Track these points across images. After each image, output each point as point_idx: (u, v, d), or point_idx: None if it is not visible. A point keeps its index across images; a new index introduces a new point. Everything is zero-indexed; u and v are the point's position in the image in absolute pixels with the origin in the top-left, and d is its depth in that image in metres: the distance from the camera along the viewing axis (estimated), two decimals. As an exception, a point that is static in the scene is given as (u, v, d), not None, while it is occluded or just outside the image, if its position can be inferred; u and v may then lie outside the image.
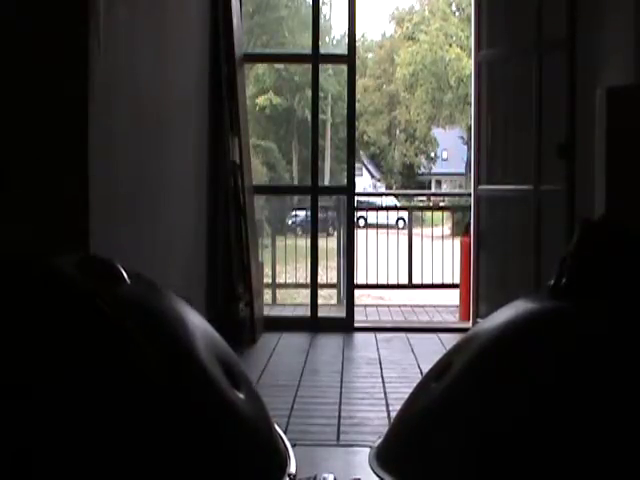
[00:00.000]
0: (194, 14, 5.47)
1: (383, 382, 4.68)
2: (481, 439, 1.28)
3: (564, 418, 1.24)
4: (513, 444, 1.25)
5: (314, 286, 6.55)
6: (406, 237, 9.25)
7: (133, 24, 3.71)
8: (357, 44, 6.91)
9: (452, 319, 7.27)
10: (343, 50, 6.68)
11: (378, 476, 1.38)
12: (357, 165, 29.71)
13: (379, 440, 1.49)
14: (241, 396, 1.38)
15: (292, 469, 1.39)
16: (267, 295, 8.04)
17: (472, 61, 6.54)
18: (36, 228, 2.98)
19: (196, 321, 1.51)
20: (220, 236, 5.96)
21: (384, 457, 1.41)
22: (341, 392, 4.45)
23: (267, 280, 8.19)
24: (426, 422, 1.38)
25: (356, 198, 6.96)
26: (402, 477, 1.33)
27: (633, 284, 1.45)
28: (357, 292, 7.05)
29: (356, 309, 6.67)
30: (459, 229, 9.20)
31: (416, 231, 10.13)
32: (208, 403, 1.33)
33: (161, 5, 4.43)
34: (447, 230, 13.13)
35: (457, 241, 7.88)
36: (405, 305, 8.30)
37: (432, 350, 5.44)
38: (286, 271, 9.40)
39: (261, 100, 29.26)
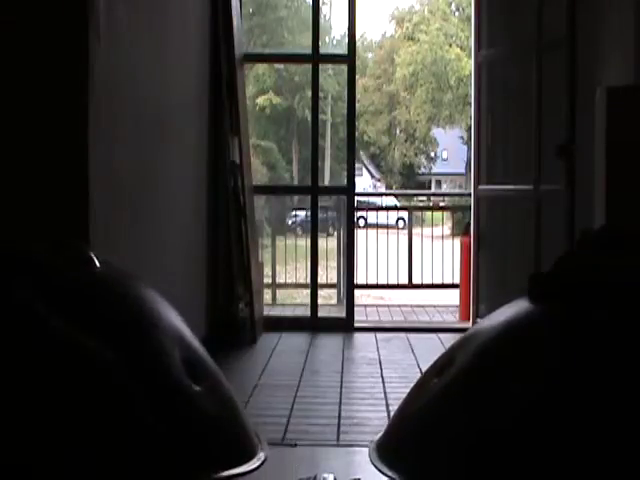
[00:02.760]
0: (194, 14, 5.47)
1: (383, 382, 4.68)
2: (480, 435, 1.29)
3: (564, 417, 1.24)
4: (512, 441, 1.25)
5: (314, 286, 6.55)
6: (406, 237, 9.25)
7: (133, 24, 3.71)
8: (357, 44, 6.92)
9: (452, 319, 7.27)
10: (343, 50, 6.68)
11: (379, 470, 1.38)
12: (357, 165, 29.73)
13: (380, 434, 1.49)
14: (197, 389, 1.39)
15: (251, 466, 1.39)
16: (267, 295, 8.04)
17: (472, 61, 6.54)
18: (36, 228, 2.98)
19: (164, 312, 1.51)
20: (220, 236, 5.96)
21: (384, 451, 1.41)
22: (341, 392, 4.45)
23: (267, 280, 8.19)
24: (426, 417, 1.38)
25: (356, 198, 6.97)
26: (402, 471, 1.34)
27: (633, 286, 1.45)
28: (357, 292, 7.05)
29: (356, 309, 6.67)
30: (459, 229, 9.20)
31: (416, 231, 10.13)
32: (157, 394, 1.34)
33: (161, 5, 4.44)
34: (447, 230, 13.13)
35: (457, 241, 7.88)
36: (405, 305, 8.30)
37: (432, 350, 5.44)
38: (286, 271, 9.40)
39: (261, 100, 29.29)
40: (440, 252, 9.31)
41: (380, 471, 1.35)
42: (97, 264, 1.44)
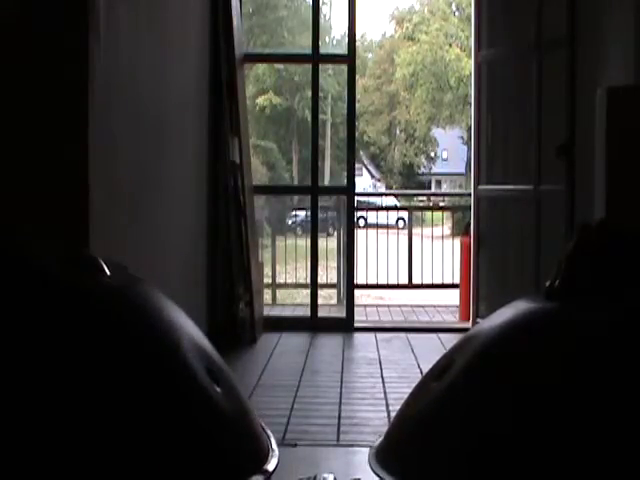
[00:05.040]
0: (194, 14, 5.47)
1: (383, 382, 4.68)
2: (480, 439, 1.28)
3: (564, 419, 1.24)
4: (512, 445, 1.25)
5: (314, 286, 6.55)
6: (406, 237, 9.24)
7: (134, 24, 3.71)
8: (357, 44, 6.91)
9: (452, 319, 7.27)
10: (343, 50, 6.68)
11: (378, 476, 1.38)
12: (357, 165, 29.70)
13: (379, 440, 1.49)
14: (219, 390, 1.40)
15: (270, 467, 1.39)
16: (267, 295, 8.04)
17: (472, 61, 6.54)
18: (36, 228, 2.98)
19: (177, 316, 1.51)
20: (220, 236, 5.96)
21: (384, 457, 1.41)
22: (341, 392, 4.45)
23: (267, 280, 8.18)
24: (426, 422, 1.38)
25: (356, 198, 6.96)
26: (402, 477, 1.33)
27: (633, 285, 1.45)
28: (357, 292, 7.05)
29: (356, 309, 6.67)
30: (459, 229, 9.19)
31: (416, 231, 10.13)
32: (187, 396, 1.34)
33: (161, 5, 4.43)
34: (447, 230, 13.13)
35: (457, 241, 7.88)
36: (405, 305, 8.29)
37: (432, 350, 5.44)
38: (286, 271, 9.40)
39: (261, 100, 29.28)
40: (440, 252, 9.31)
41: (380, 478, 1.35)
42: (107, 273, 1.44)
